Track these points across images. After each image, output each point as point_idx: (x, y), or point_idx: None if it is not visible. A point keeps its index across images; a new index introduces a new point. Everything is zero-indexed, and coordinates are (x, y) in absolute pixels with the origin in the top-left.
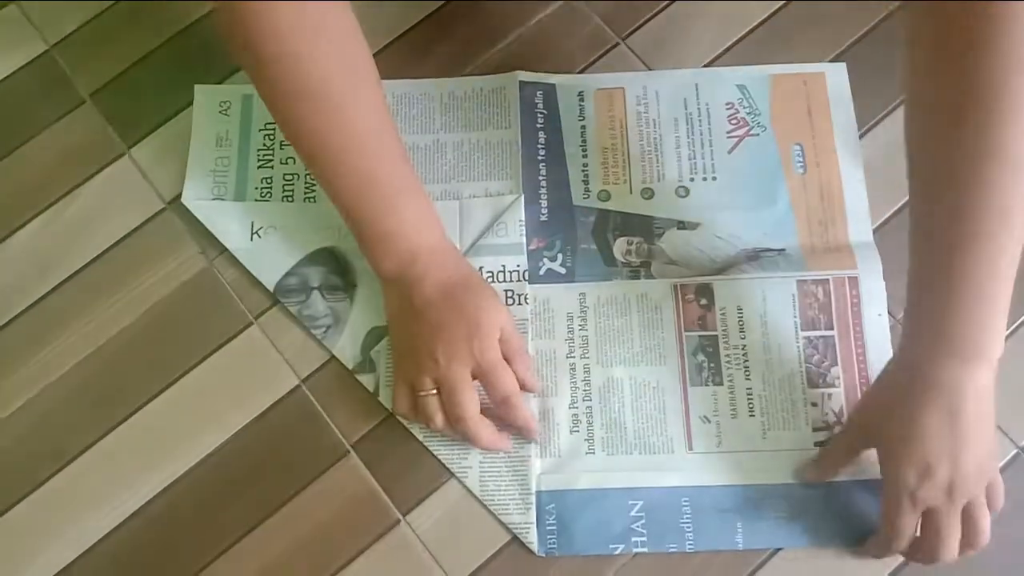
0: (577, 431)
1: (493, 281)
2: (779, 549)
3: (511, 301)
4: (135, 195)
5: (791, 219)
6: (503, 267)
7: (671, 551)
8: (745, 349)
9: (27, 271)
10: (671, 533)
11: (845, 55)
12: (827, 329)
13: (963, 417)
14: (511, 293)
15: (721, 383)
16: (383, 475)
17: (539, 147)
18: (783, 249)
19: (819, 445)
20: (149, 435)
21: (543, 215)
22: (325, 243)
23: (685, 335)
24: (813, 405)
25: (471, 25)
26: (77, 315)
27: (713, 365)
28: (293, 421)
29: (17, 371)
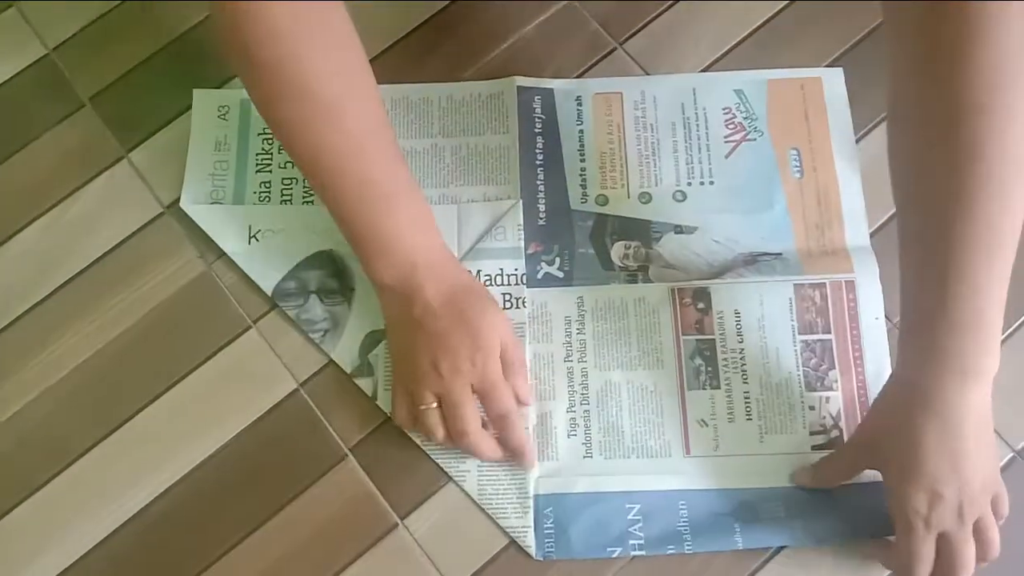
0: (575, 435)
1: (491, 285)
2: (776, 553)
3: (509, 305)
4: (134, 199)
5: (788, 223)
6: (501, 271)
7: (669, 554)
8: (743, 353)
9: (26, 274)
10: (669, 536)
11: (842, 60)
12: (824, 333)
13: (965, 438)
14: (509, 297)
15: (719, 387)
16: (381, 479)
17: (537, 152)
18: (780, 253)
19: (817, 449)
20: (148, 438)
21: (541, 219)
22: (323, 246)
23: (683, 339)
24: (811, 409)
25: (469, 30)
26: (76, 318)
27: (711, 369)
28: (291, 425)
29: (16, 374)
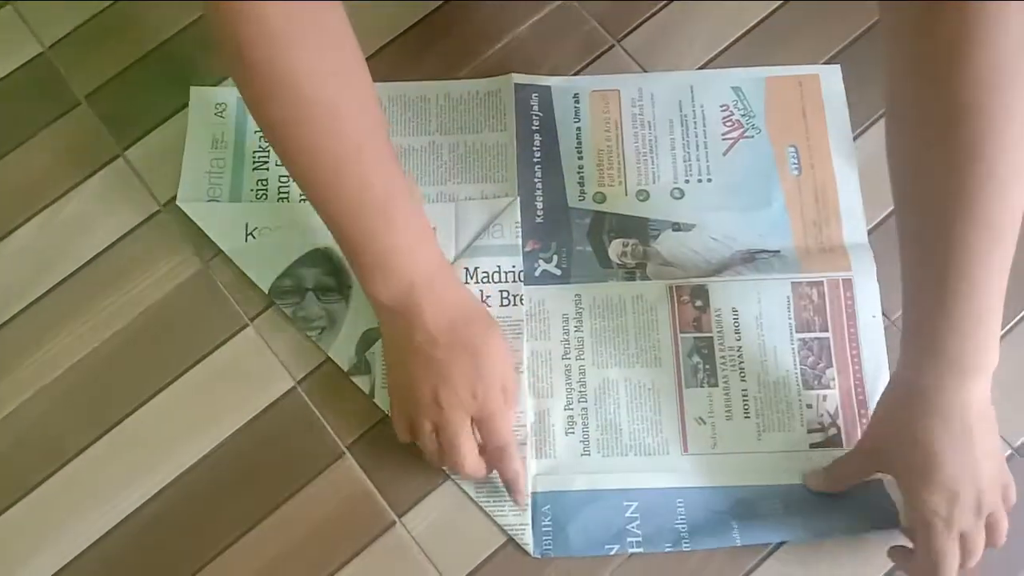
0: (572, 432)
1: (488, 282)
2: (774, 550)
3: (506, 302)
4: (130, 196)
5: (786, 221)
6: (499, 268)
7: (667, 551)
8: (740, 351)
9: (22, 273)
10: (666, 534)
11: (839, 57)
12: (822, 331)
13: (971, 434)
14: (506, 294)
15: (716, 385)
16: (378, 477)
17: (535, 149)
18: (778, 251)
19: (814, 447)
20: (144, 437)
21: (539, 217)
22: (320, 244)
23: (680, 337)
24: (808, 407)
25: (466, 27)
26: (72, 317)
27: (708, 367)
28: (288, 423)
29: (12, 373)
